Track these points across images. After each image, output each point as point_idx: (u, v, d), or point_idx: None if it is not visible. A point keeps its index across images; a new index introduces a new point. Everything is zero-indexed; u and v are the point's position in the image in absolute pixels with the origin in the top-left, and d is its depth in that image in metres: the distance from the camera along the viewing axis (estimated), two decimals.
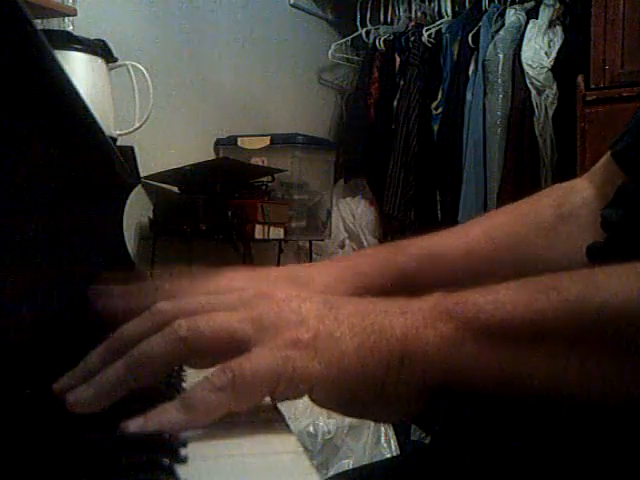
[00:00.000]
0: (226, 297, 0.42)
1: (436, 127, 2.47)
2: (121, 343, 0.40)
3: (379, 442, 1.85)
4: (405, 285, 0.60)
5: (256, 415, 0.43)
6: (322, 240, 2.52)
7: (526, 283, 0.40)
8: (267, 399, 0.41)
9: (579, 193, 0.66)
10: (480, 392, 0.40)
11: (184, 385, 0.52)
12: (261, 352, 0.38)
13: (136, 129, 1.75)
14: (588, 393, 0.39)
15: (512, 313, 0.38)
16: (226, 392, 0.37)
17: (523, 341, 0.38)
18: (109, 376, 0.38)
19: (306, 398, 0.41)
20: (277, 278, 0.58)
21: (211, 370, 0.38)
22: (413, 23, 2.66)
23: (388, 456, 1.80)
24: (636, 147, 0.61)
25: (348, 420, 1.77)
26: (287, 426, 0.42)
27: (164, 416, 0.36)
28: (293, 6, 2.66)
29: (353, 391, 0.39)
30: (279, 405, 0.45)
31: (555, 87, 2.24)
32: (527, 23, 2.34)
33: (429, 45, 2.53)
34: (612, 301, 0.37)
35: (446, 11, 2.58)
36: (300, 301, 0.40)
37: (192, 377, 0.55)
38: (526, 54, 2.28)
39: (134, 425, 0.36)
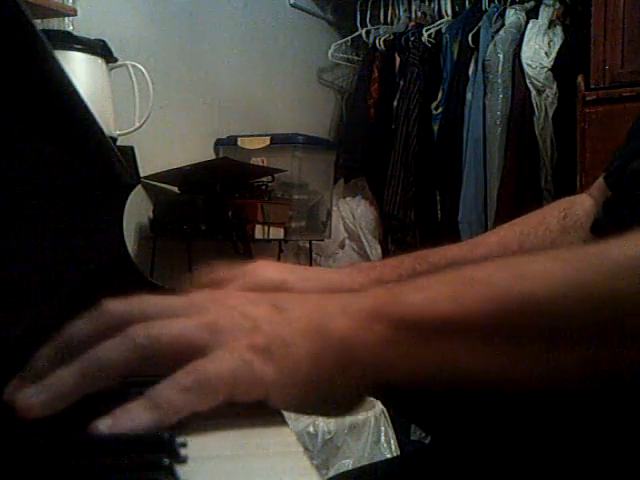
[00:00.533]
0: (178, 301, 0.42)
1: (436, 127, 2.47)
2: (71, 344, 0.40)
3: (379, 442, 1.85)
4: None
5: (255, 413, 0.43)
6: (322, 240, 2.52)
7: (456, 276, 0.41)
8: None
9: (581, 206, 0.71)
10: (421, 386, 0.42)
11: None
12: (222, 355, 0.38)
13: (136, 129, 1.75)
14: (518, 380, 0.40)
15: (440, 309, 0.39)
16: (191, 392, 0.37)
17: (452, 334, 0.39)
18: (63, 381, 0.38)
19: None
20: (308, 279, 0.62)
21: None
22: (413, 23, 2.66)
23: (388, 456, 1.80)
24: (620, 169, 0.66)
25: (348, 420, 1.77)
26: (286, 424, 0.42)
27: (132, 416, 0.37)
28: (293, 6, 2.66)
29: (305, 393, 0.40)
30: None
31: (555, 87, 2.24)
32: (527, 23, 2.34)
33: (429, 45, 2.53)
34: (534, 290, 0.38)
35: (446, 11, 2.58)
36: (251, 306, 0.41)
37: None
38: (526, 54, 2.28)
39: (103, 425, 0.36)
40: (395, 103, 2.57)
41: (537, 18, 2.33)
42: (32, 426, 0.37)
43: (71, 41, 1.55)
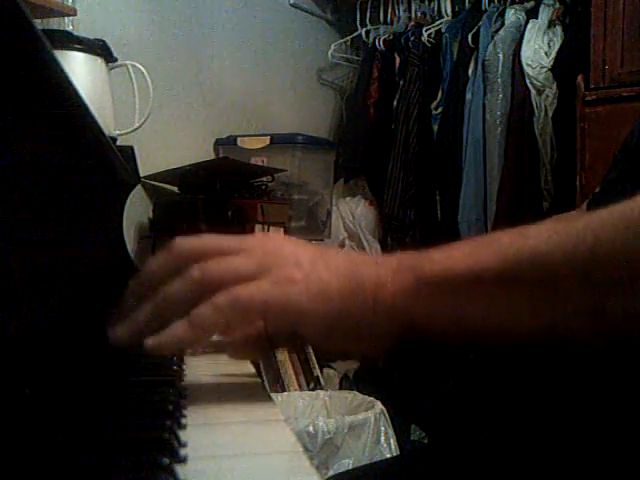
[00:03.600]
0: (233, 241, 0.48)
1: (436, 127, 2.47)
2: (148, 283, 0.47)
3: (379, 442, 1.85)
4: None
5: (255, 414, 0.43)
6: (322, 240, 2.52)
7: (477, 239, 0.46)
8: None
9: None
10: (439, 335, 0.46)
11: (183, 383, 0.52)
12: (259, 283, 0.45)
13: (136, 129, 1.75)
14: (517, 331, 0.43)
15: (458, 263, 0.44)
16: (224, 312, 0.44)
17: (467, 286, 0.43)
18: (140, 316, 0.46)
19: (306, 397, 0.42)
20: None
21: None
22: (413, 23, 2.66)
23: (388, 456, 1.80)
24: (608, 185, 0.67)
25: (348, 420, 1.77)
26: (286, 424, 0.42)
27: (173, 332, 0.44)
28: (293, 6, 2.66)
29: (334, 326, 0.46)
30: (279, 405, 0.46)
31: (555, 87, 2.24)
32: (527, 23, 2.34)
33: (429, 45, 2.53)
34: (536, 244, 0.42)
35: (446, 11, 2.58)
36: (297, 246, 0.48)
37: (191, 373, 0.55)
38: (526, 54, 2.28)
39: (150, 342, 0.44)
40: (395, 103, 2.57)
41: (537, 18, 2.33)
42: (32, 426, 0.37)
43: (71, 41, 1.55)
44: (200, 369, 0.56)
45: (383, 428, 1.85)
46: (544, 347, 0.46)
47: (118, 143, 1.65)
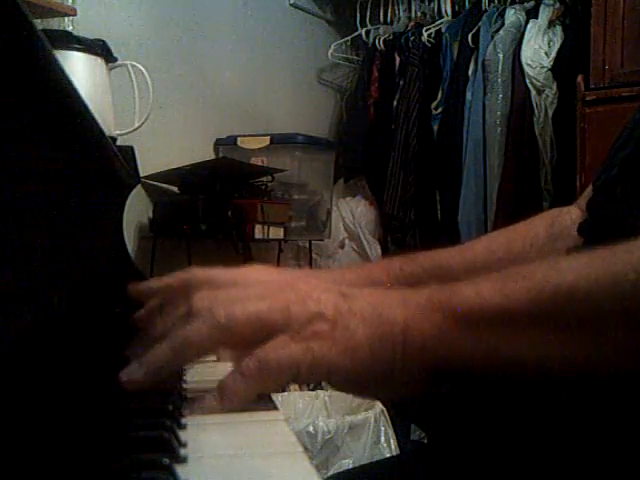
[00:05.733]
0: (256, 288, 0.47)
1: (436, 127, 2.47)
2: (167, 327, 0.47)
3: (379, 442, 1.85)
4: None
5: (255, 414, 0.43)
6: (322, 240, 2.52)
7: (504, 273, 0.45)
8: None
9: (568, 215, 0.73)
10: (472, 372, 0.45)
11: (183, 384, 0.52)
12: (285, 342, 0.44)
13: (136, 129, 1.74)
14: (551, 363, 0.43)
15: (488, 300, 0.43)
16: (253, 379, 0.43)
17: (498, 323, 0.43)
18: (156, 356, 0.45)
19: (306, 397, 0.43)
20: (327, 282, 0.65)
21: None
22: (413, 23, 2.66)
23: (388, 456, 1.80)
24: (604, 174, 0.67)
25: (348, 420, 1.77)
26: (286, 424, 0.42)
27: (206, 404, 0.44)
28: (293, 6, 2.66)
29: (364, 375, 0.45)
30: (279, 405, 0.46)
31: (555, 87, 2.24)
32: (527, 23, 2.34)
33: (429, 45, 2.53)
34: (568, 280, 0.41)
35: (446, 11, 2.58)
36: (320, 292, 0.46)
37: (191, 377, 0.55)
38: (526, 54, 2.28)
39: (187, 412, 0.43)
40: (395, 103, 2.57)
41: (537, 18, 2.33)
42: (32, 426, 0.37)
43: (71, 41, 1.55)
44: (200, 370, 0.56)
45: (383, 428, 1.85)
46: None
47: (118, 143, 1.65)
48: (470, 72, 2.41)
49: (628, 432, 0.48)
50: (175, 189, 2.10)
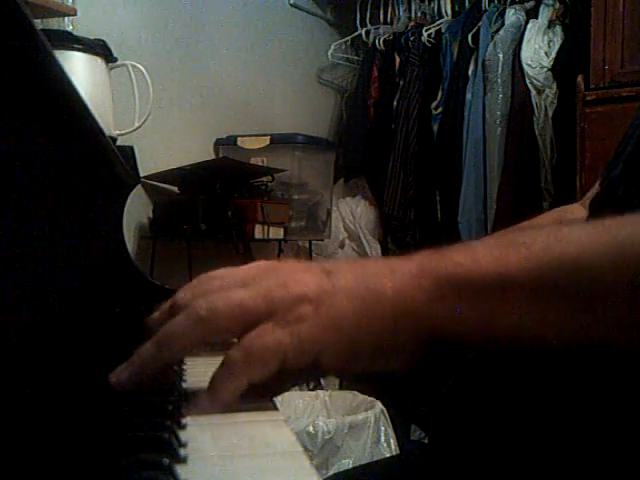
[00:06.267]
0: (236, 274, 0.46)
1: (436, 127, 2.47)
2: (152, 327, 0.46)
3: (379, 442, 1.85)
4: None
5: (255, 414, 0.43)
6: (322, 240, 2.52)
7: (501, 240, 0.43)
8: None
9: (572, 214, 0.73)
10: (466, 343, 0.44)
11: (184, 384, 0.52)
12: (270, 328, 0.42)
13: (136, 129, 1.75)
14: (550, 336, 0.41)
15: (485, 267, 0.41)
16: (240, 370, 0.42)
17: (494, 291, 0.41)
18: (140, 354, 0.44)
19: (306, 397, 0.43)
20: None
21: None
22: (413, 23, 2.66)
23: (388, 456, 1.80)
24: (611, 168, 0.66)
25: (348, 420, 1.77)
26: (286, 424, 0.42)
27: (199, 404, 0.43)
28: (293, 6, 2.66)
29: (353, 351, 0.43)
30: (279, 405, 0.46)
31: (555, 87, 2.24)
32: (527, 23, 2.34)
33: (429, 45, 2.53)
34: (571, 250, 0.39)
35: (446, 11, 2.58)
36: (302, 273, 0.44)
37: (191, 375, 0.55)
38: (526, 54, 2.28)
39: (187, 412, 0.42)
40: (395, 103, 2.57)
41: (537, 18, 2.33)
42: (32, 426, 0.37)
43: (71, 41, 1.55)
44: (200, 370, 0.56)
45: (383, 428, 1.85)
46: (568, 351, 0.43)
47: (118, 143, 1.65)
48: (470, 72, 2.41)
49: (630, 432, 0.48)
50: (175, 189, 2.10)
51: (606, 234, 0.39)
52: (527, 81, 2.26)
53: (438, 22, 2.56)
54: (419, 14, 2.68)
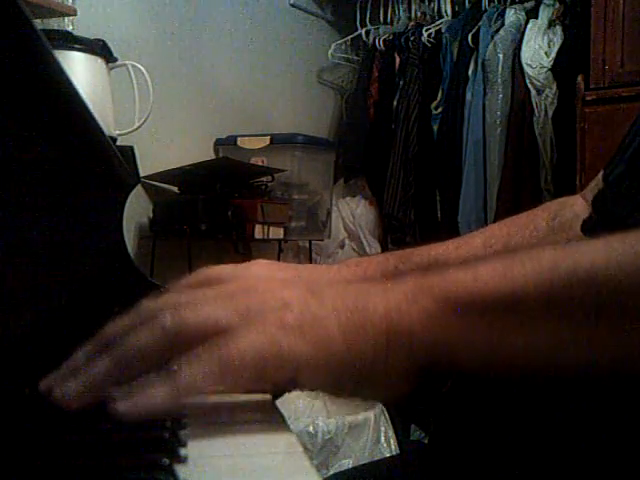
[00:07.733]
0: (210, 291, 0.41)
1: (436, 127, 2.47)
2: (107, 338, 0.40)
3: (379, 442, 1.85)
4: None
5: (255, 414, 0.43)
6: (322, 240, 2.52)
7: (505, 256, 0.40)
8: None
9: (571, 207, 0.70)
10: (467, 369, 0.40)
11: None
12: (247, 333, 0.37)
13: (136, 129, 1.75)
14: (564, 358, 0.38)
15: (489, 285, 0.38)
16: (213, 371, 0.36)
17: (501, 310, 0.37)
18: (97, 369, 0.38)
19: (306, 398, 0.42)
20: (294, 279, 0.58)
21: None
22: (413, 23, 2.66)
23: (388, 456, 1.80)
24: (614, 163, 0.65)
25: (348, 420, 1.77)
26: (286, 424, 0.42)
27: (151, 395, 0.36)
28: (293, 6, 2.66)
29: (340, 371, 0.38)
30: (279, 405, 0.46)
31: (555, 87, 2.24)
32: (527, 23, 2.34)
33: (429, 45, 2.53)
34: (582, 265, 0.36)
35: (446, 11, 2.58)
36: (283, 289, 0.40)
37: None
38: (526, 54, 2.28)
39: (123, 407, 0.35)
40: (395, 103, 2.57)
41: (537, 18, 2.33)
42: (32, 426, 0.37)
43: (71, 41, 1.55)
44: None
45: (383, 428, 1.85)
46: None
47: (118, 143, 1.65)
48: (470, 72, 2.41)
49: (631, 433, 0.48)
50: (175, 189, 2.10)
51: (621, 245, 0.37)
52: (527, 81, 2.26)
53: (438, 22, 2.56)
54: (419, 14, 2.68)
